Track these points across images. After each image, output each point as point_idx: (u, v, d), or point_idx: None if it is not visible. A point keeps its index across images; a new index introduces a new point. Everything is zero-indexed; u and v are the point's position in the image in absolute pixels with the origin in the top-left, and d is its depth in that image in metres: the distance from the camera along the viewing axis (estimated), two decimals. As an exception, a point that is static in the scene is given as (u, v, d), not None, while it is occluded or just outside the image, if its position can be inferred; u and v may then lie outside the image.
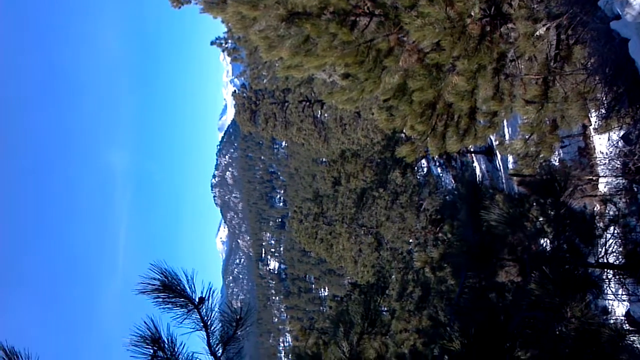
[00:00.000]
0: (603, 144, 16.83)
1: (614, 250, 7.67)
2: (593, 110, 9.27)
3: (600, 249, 7.60)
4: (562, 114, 8.73)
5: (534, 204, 8.59)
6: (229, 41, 32.12)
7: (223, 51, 34.05)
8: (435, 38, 7.98)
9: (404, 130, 9.23)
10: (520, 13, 8.44)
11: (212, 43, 33.04)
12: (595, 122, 12.04)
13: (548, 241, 7.65)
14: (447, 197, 30.72)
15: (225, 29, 31.28)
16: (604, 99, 6.15)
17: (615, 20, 4.79)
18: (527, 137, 9.22)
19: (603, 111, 6.37)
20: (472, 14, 8.17)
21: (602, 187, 16.19)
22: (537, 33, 8.03)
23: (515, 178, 17.48)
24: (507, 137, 23.98)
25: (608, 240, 7.65)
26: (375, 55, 8.44)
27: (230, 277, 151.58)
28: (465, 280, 6.38)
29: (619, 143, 14.75)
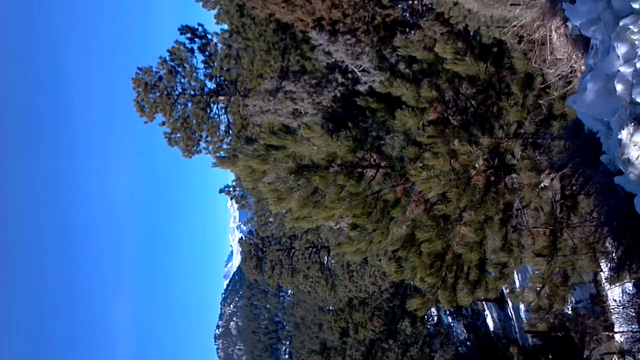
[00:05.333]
0: (616, 291, 16.51)
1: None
2: (603, 260, 9.18)
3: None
4: (573, 265, 8.64)
5: (550, 356, 8.25)
6: (237, 189, 32.81)
7: (231, 199, 34.67)
8: (441, 190, 8.12)
9: (414, 282, 9.10)
10: (523, 164, 8.63)
11: (220, 191, 33.74)
12: (607, 272, 11.89)
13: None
14: (460, 349, 29.67)
15: (234, 177, 32.06)
16: (614, 252, 6.10)
17: (618, 175, 4.86)
18: (538, 288, 9.06)
19: (614, 264, 6.29)
20: (476, 166, 8.37)
21: (618, 337, 15.65)
22: (542, 184, 8.17)
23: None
24: (517, 284, 23.61)
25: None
26: (383, 206, 8.53)
27: None
28: None
29: (633, 291, 14.47)
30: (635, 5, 4.38)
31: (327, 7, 18.55)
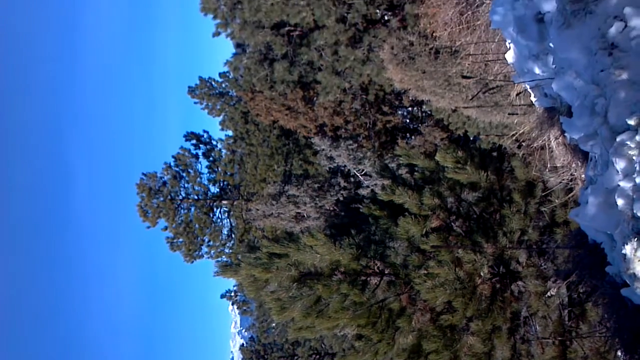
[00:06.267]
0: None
1: None
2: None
3: None
4: (585, 374, 8.38)
5: None
6: (239, 294, 32.39)
7: (232, 304, 34.15)
8: (446, 299, 8.01)
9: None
10: (528, 271, 8.57)
11: (222, 296, 33.30)
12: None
13: None
14: None
15: (236, 282, 31.70)
16: (626, 366, 5.93)
17: (625, 287, 4.80)
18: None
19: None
20: (482, 274, 8.30)
21: None
22: (549, 293, 8.07)
23: None
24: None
25: None
26: (388, 315, 8.39)
27: None
28: None
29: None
30: (631, 122, 4.49)
31: (329, 114, 19.09)
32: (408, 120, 20.96)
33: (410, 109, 20.45)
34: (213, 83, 24.36)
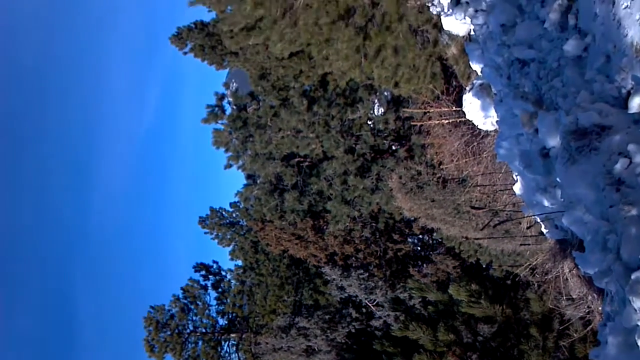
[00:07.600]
0: None
1: None
2: None
3: None
4: None
5: None
6: None
7: None
8: None
9: None
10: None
11: None
12: None
13: None
14: None
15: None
16: None
17: None
18: None
19: None
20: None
21: None
22: None
23: None
24: None
25: None
26: None
27: None
28: None
29: None
30: (645, 259, 4.37)
31: (339, 243, 19.05)
32: (419, 248, 20.84)
33: (420, 236, 20.40)
34: (224, 213, 24.59)
